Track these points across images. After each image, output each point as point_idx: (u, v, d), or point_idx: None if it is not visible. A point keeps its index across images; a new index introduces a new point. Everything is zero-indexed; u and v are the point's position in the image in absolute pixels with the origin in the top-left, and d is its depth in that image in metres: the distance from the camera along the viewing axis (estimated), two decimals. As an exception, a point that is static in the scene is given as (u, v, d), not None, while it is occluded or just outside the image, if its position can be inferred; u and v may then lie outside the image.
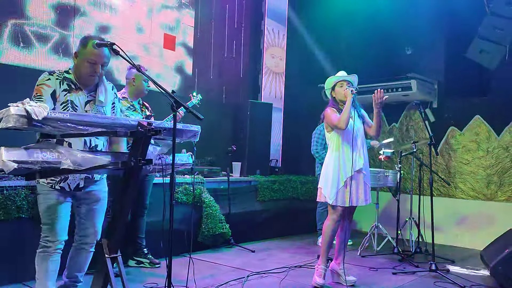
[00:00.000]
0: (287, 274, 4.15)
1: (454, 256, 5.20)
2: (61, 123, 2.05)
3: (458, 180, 6.33)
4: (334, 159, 3.83)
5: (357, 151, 3.81)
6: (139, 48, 5.58)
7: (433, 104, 6.71)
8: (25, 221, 3.50)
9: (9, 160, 1.92)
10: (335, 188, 3.77)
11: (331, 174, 3.81)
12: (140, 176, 2.42)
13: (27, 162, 1.99)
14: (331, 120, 3.84)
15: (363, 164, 3.83)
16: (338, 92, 3.92)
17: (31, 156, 2.02)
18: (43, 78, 2.62)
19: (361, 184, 3.83)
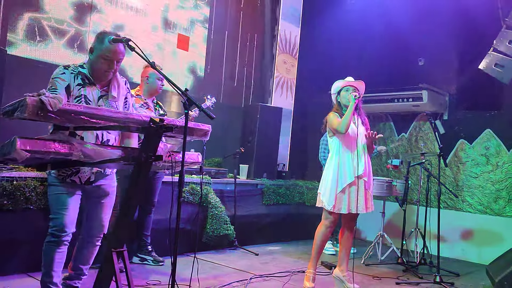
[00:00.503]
0: (290, 279, 4.14)
1: (459, 269, 5.16)
2: (75, 116, 2.08)
3: (466, 194, 6.28)
4: (334, 165, 3.79)
5: (358, 157, 3.76)
6: (153, 47, 5.62)
7: (443, 116, 6.68)
8: (33, 212, 3.53)
9: (22, 149, 1.95)
10: (333, 194, 3.72)
11: (330, 179, 3.77)
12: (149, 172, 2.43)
13: (40, 152, 2.02)
14: (332, 124, 3.81)
15: (364, 170, 3.78)
16: (343, 97, 3.90)
17: (44, 147, 2.04)
18: (58, 71, 2.65)
19: (362, 190, 3.77)
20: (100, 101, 2.72)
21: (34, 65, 4.50)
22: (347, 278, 3.87)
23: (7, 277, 3.39)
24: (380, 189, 5.26)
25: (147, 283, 3.61)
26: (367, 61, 7.43)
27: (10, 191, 3.41)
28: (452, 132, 6.56)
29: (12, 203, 3.42)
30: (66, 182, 2.66)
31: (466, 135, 6.43)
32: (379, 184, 5.27)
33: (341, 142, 3.81)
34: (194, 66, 6.17)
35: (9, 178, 3.46)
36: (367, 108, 7.00)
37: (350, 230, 3.94)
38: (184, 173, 2.38)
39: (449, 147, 6.47)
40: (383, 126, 7.35)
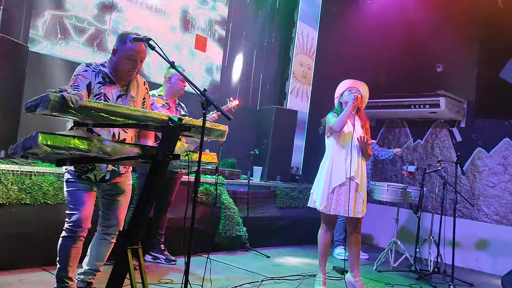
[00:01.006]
0: (301, 283, 4.13)
1: (473, 279, 5.08)
2: (95, 112, 2.10)
3: (482, 203, 6.20)
4: (327, 165, 3.80)
5: (351, 158, 3.73)
6: (171, 47, 5.66)
7: (461, 124, 6.60)
8: (50, 207, 3.57)
9: (43, 144, 1.97)
10: (325, 195, 3.73)
11: (322, 180, 3.78)
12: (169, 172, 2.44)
13: (60, 148, 2.04)
14: (328, 122, 3.83)
15: (356, 172, 3.73)
16: (345, 96, 3.90)
17: (64, 142, 2.06)
18: (80, 68, 2.69)
19: (352, 193, 3.71)
20: (118, 100, 2.75)
21: (54, 62, 4.56)
22: (359, 284, 3.83)
23: (23, 271, 3.43)
24: (394, 195, 5.21)
25: (159, 281, 3.63)
26: (384, 66, 7.41)
27: (28, 185, 3.46)
28: (469, 140, 6.48)
29: (30, 197, 3.47)
30: (82, 178, 2.69)
31: (483, 143, 6.35)
32: (394, 190, 5.22)
33: (336, 142, 3.82)
34: (211, 67, 6.19)
35: (28, 173, 3.51)
36: (383, 113, 6.98)
37: (355, 234, 3.87)
38: (200, 173, 2.39)
39: (466, 155, 6.39)
40: (399, 132, 7.29)
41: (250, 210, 5.43)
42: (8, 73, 3.71)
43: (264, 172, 6.12)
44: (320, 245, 3.88)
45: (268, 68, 7.01)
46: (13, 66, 3.80)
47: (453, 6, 6.55)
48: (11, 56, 3.74)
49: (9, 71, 3.74)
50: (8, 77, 3.72)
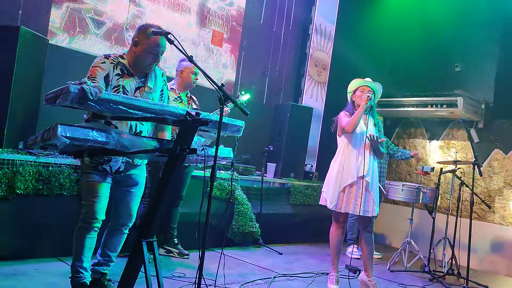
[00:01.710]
0: (314, 280, 4.11)
1: (488, 281, 5.01)
2: (114, 105, 2.11)
3: (498, 205, 6.10)
4: (339, 164, 3.79)
5: (363, 157, 3.72)
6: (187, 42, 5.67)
7: (478, 124, 6.50)
8: (66, 199, 3.62)
9: (62, 135, 1.99)
10: (336, 193, 3.73)
11: (333, 178, 3.78)
12: (182, 164, 2.44)
13: (79, 140, 2.06)
14: (341, 122, 3.81)
15: (368, 171, 3.72)
16: (358, 96, 3.86)
17: (83, 134, 2.08)
18: (98, 60, 2.70)
19: (363, 192, 3.69)
20: (137, 92, 2.76)
21: (72, 55, 4.60)
22: (373, 284, 3.81)
23: (39, 261, 3.48)
24: (409, 195, 5.16)
25: (172, 275, 3.65)
26: (402, 64, 7.32)
27: (45, 176, 3.51)
28: (487, 141, 6.38)
29: (47, 188, 3.51)
30: (98, 169, 2.71)
31: (501, 144, 6.24)
32: (408, 190, 5.17)
33: (348, 141, 3.81)
34: (226, 62, 6.19)
35: (45, 164, 3.56)
36: (399, 112, 6.90)
37: (366, 233, 3.83)
38: (216, 167, 2.39)
39: (483, 156, 6.29)
40: (415, 131, 7.21)
41: (263, 207, 5.42)
42: (28, 65, 3.76)
43: (278, 169, 6.11)
44: (332, 243, 3.88)
45: (284, 64, 6.98)
46: (33, 58, 3.85)
47: (473, 6, 6.45)
48: (31, 48, 3.78)
49: (29, 63, 3.78)
50: (28, 68, 3.77)
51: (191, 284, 2.46)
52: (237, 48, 6.32)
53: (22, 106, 3.72)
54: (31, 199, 3.46)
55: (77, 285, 2.73)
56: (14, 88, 3.59)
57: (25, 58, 3.69)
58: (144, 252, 2.36)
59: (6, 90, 3.57)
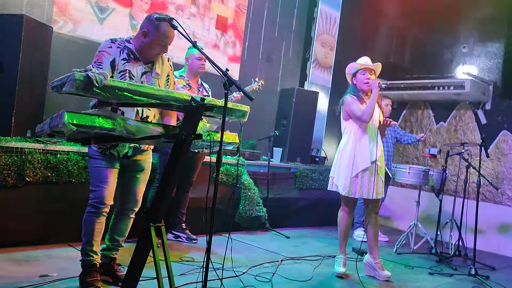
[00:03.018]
0: (321, 263, 4.15)
1: (495, 263, 5.03)
2: (119, 92, 2.12)
3: (506, 187, 6.08)
4: (350, 149, 3.75)
5: (374, 142, 3.73)
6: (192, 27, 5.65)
7: (486, 106, 6.45)
8: (74, 185, 3.66)
9: (69, 122, 2.01)
10: (348, 179, 3.71)
11: (345, 163, 3.75)
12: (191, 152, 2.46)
13: (85, 127, 2.07)
14: (353, 111, 3.74)
15: (379, 155, 3.74)
16: (360, 80, 3.82)
17: (90, 121, 2.09)
18: (105, 45, 2.71)
19: (374, 176, 3.72)
20: (143, 77, 2.77)
21: (77, 42, 4.61)
22: (379, 266, 3.85)
23: (50, 247, 3.54)
24: (416, 178, 5.16)
25: (181, 259, 3.70)
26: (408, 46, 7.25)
27: (54, 164, 3.55)
28: (494, 122, 6.33)
29: (56, 175, 3.55)
30: (106, 155, 2.74)
31: (509, 126, 6.19)
32: (415, 173, 5.16)
33: (358, 126, 3.77)
34: (231, 47, 6.17)
35: (53, 152, 3.59)
36: (406, 95, 6.86)
37: (374, 215, 3.88)
38: (221, 153, 2.40)
39: (491, 138, 6.25)
40: (421, 114, 7.18)
41: (270, 191, 5.45)
42: (33, 53, 3.77)
43: (284, 154, 6.12)
44: (341, 227, 3.91)
45: (289, 48, 6.94)
46: (38, 46, 3.86)
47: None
48: (36, 37, 3.79)
49: (35, 51, 3.79)
50: (34, 57, 3.78)
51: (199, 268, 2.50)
52: (242, 33, 6.28)
53: (29, 94, 3.75)
54: (40, 186, 3.50)
55: (88, 266, 2.79)
56: (20, 77, 3.61)
57: (30, 47, 3.70)
58: (152, 236, 2.39)
59: (12, 79, 3.59)
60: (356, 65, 3.87)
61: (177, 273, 3.24)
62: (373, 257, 3.90)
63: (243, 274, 3.46)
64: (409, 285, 3.83)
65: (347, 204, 3.86)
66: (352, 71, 3.89)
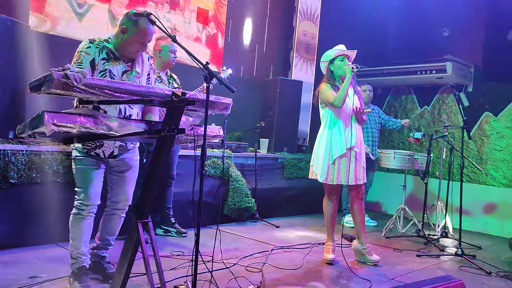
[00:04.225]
0: (311, 250, 4.20)
1: (481, 242, 5.13)
2: (99, 90, 2.11)
3: (490, 167, 6.19)
4: (327, 136, 3.79)
5: (349, 128, 3.76)
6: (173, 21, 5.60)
7: (468, 88, 6.53)
8: (60, 185, 3.64)
9: (49, 123, 1.99)
10: (326, 166, 3.75)
11: (322, 151, 3.80)
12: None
13: (66, 126, 2.06)
14: (326, 96, 3.77)
15: (356, 142, 3.77)
16: (337, 67, 3.83)
17: (70, 120, 2.08)
18: (83, 45, 2.69)
19: (353, 162, 3.76)
20: (124, 76, 2.76)
21: (55, 41, 4.54)
22: (367, 251, 3.90)
23: (38, 247, 3.53)
24: (402, 162, 5.23)
25: (171, 253, 3.71)
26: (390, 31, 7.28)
27: (38, 164, 3.52)
28: (476, 104, 6.42)
29: (41, 176, 3.53)
30: (91, 155, 2.73)
31: (491, 107, 6.29)
32: (401, 158, 5.23)
33: (334, 113, 3.81)
34: (212, 39, 6.13)
35: (37, 152, 3.56)
36: (390, 80, 6.91)
37: (358, 201, 3.91)
38: (206, 146, 2.41)
39: (474, 120, 6.34)
40: (405, 98, 7.24)
41: (258, 182, 5.48)
42: (10, 53, 3.71)
43: (271, 144, 6.14)
44: (326, 215, 3.96)
45: (272, 39, 6.92)
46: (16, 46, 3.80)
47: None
48: (12, 35, 3.73)
49: (12, 51, 3.73)
50: (12, 57, 3.72)
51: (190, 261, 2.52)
52: (222, 24, 6.25)
53: (8, 95, 3.69)
54: (25, 188, 3.47)
55: (77, 269, 2.78)
56: (-1, 77, 3.56)
57: (7, 46, 3.64)
58: (140, 233, 2.40)
59: (-9, 81, 3.53)
60: (333, 52, 3.88)
61: (168, 268, 3.26)
62: (360, 243, 3.94)
63: (234, 266, 3.49)
64: (398, 268, 3.89)
65: (329, 191, 3.90)
66: (329, 59, 3.90)
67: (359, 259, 3.97)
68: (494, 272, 3.93)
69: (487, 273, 3.87)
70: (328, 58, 3.90)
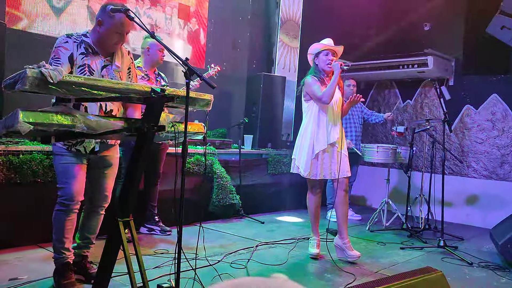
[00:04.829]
0: (296, 245, 4.21)
1: (464, 234, 5.21)
2: (76, 87, 2.07)
3: (472, 159, 6.28)
4: (310, 131, 3.76)
5: (333, 123, 3.75)
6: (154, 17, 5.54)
7: (449, 82, 6.60)
8: (40, 185, 3.58)
9: (25, 121, 1.95)
10: (309, 160, 3.73)
11: (305, 145, 3.76)
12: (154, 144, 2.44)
13: (43, 125, 2.02)
14: (313, 92, 3.73)
15: (338, 137, 3.75)
16: (322, 60, 3.82)
17: (47, 119, 2.04)
18: (61, 40, 2.64)
19: (336, 156, 3.74)
20: (103, 71, 2.71)
21: (33, 38, 4.46)
22: (347, 246, 3.81)
23: (19, 249, 3.46)
24: (385, 156, 5.26)
25: (155, 252, 3.68)
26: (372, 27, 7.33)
27: (17, 164, 3.45)
28: (458, 97, 6.50)
29: (20, 176, 3.46)
30: (72, 151, 2.69)
31: (472, 100, 6.37)
32: (384, 151, 5.26)
33: (319, 107, 3.77)
34: (195, 35, 6.09)
35: (15, 152, 3.49)
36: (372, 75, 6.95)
37: (343, 193, 3.83)
38: (187, 143, 2.39)
39: (455, 113, 6.42)
40: (388, 93, 7.29)
41: (243, 178, 5.47)
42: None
43: (255, 140, 6.13)
44: (310, 209, 3.94)
45: (254, 35, 6.90)
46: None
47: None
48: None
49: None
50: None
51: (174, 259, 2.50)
52: (205, 20, 6.20)
53: (-15, 94, 3.62)
54: (4, 188, 3.41)
55: (62, 265, 2.76)
56: (-25, 76, 3.48)
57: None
58: (121, 232, 2.37)
59: (-33, 79, 3.45)
60: (319, 45, 3.86)
61: (152, 266, 3.24)
62: (341, 238, 3.85)
63: (218, 263, 3.47)
64: (382, 261, 3.92)
65: (312, 186, 3.88)
66: (315, 52, 3.88)
67: (339, 257, 3.85)
68: (475, 262, 3.99)
69: (469, 264, 3.92)
70: (314, 51, 3.88)
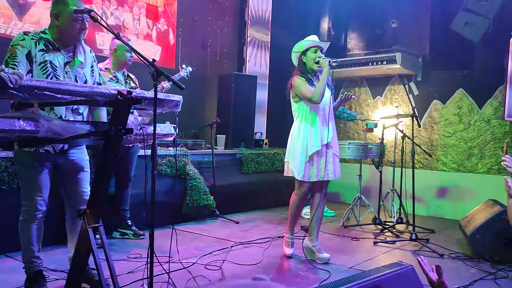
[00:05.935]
0: (271, 244, 4.21)
1: (435, 226, 5.33)
2: (38, 91, 2.01)
3: (440, 153, 6.42)
4: (303, 132, 3.63)
5: (326, 124, 3.65)
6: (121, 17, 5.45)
7: (417, 78, 6.73)
8: (5, 193, 3.46)
9: (-17, 128, 1.88)
10: (303, 163, 3.62)
11: (299, 148, 3.63)
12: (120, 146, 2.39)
13: (4, 131, 1.96)
14: (302, 91, 3.59)
15: (332, 137, 3.67)
16: (310, 58, 3.66)
17: (8, 125, 1.98)
18: (17, 38, 2.54)
19: (330, 157, 3.66)
20: (66, 67, 2.63)
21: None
22: (317, 248, 3.74)
23: (-15, 259, 3.36)
24: (356, 153, 5.32)
25: (128, 256, 3.62)
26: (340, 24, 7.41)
27: (-20, 172, 3.33)
28: (426, 93, 6.64)
29: (-17, 184, 3.35)
30: (40, 152, 2.59)
31: (439, 95, 6.52)
32: (355, 148, 5.32)
33: (309, 108, 3.65)
34: (164, 36, 6.02)
35: (-23, 160, 3.37)
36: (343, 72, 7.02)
37: (322, 195, 3.80)
38: (156, 145, 2.35)
39: (424, 108, 6.56)
40: (359, 90, 7.38)
41: (216, 179, 5.43)
42: None
43: (227, 140, 6.11)
44: (292, 209, 3.80)
45: (224, 34, 6.87)
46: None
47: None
48: None
49: None
50: None
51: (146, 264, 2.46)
52: (174, 20, 6.14)
53: None
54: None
55: (33, 274, 2.69)
56: None
57: None
58: (91, 238, 2.32)
59: None
60: (306, 42, 3.71)
61: (125, 271, 3.18)
62: (311, 239, 3.78)
63: (193, 265, 3.44)
64: (356, 256, 3.97)
65: (302, 188, 3.71)
66: (301, 49, 3.72)
67: (309, 258, 3.75)
68: (446, 254, 4.08)
69: (440, 256, 4.01)
70: (300, 49, 3.72)
